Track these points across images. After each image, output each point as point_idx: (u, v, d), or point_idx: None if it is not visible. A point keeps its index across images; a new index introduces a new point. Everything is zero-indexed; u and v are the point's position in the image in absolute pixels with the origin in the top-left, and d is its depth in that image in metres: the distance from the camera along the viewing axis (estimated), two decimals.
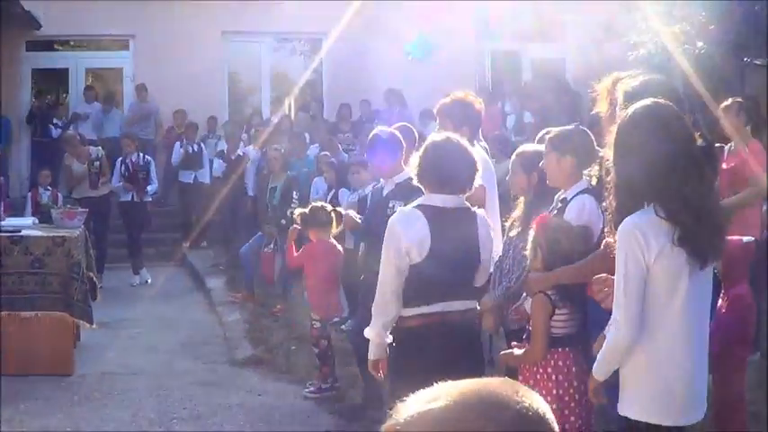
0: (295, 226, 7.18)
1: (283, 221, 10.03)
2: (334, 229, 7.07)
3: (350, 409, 6.53)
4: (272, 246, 10.14)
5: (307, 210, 7.13)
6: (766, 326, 6.61)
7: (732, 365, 4.96)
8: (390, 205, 5.62)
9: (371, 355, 4.36)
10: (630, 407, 3.40)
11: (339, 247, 7.30)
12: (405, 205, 5.43)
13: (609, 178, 3.44)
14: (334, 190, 10.08)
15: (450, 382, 1.34)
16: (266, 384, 7.28)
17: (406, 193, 5.18)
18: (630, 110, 3.41)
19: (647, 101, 3.42)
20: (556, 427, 1.31)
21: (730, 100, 7.35)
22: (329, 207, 7.17)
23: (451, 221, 4.18)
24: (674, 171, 3.24)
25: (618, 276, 3.31)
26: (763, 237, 6.96)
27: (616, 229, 3.33)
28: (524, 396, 1.29)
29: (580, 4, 14.90)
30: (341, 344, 7.27)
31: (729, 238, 4.89)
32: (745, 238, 5.18)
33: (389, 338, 4.30)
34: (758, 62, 13.47)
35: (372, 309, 4.28)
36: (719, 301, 5.00)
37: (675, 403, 3.37)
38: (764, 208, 7.36)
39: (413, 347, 4.16)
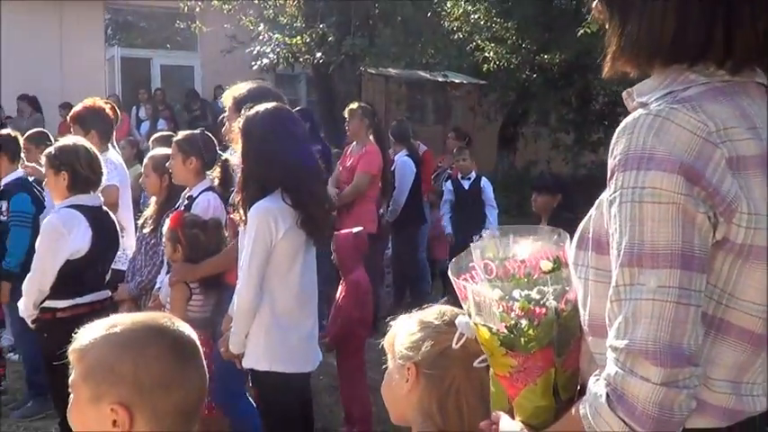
0: None
1: None
2: None
3: None
4: None
5: None
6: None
7: (353, 344, 5.53)
8: None
9: None
10: (257, 360, 3.92)
11: None
12: (9, 203, 5.85)
13: (240, 171, 3.92)
14: None
15: (124, 314, 1.75)
16: None
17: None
18: (253, 111, 3.88)
19: (269, 104, 3.93)
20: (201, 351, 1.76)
21: (355, 104, 8.01)
22: None
23: (103, 219, 4.63)
24: (297, 167, 3.83)
25: (246, 249, 3.83)
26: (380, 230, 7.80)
27: (245, 212, 3.84)
28: (179, 326, 1.72)
29: (210, 14, 15.45)
30: None
31: (342, 231, 5.64)
32: (356, 229, 5.73)
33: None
34: (372, 71, 14.76)
35: None
36: (339, 287, 5.61)
37: (296, 354, 3.96)
38: (384, 207, 8.18)
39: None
